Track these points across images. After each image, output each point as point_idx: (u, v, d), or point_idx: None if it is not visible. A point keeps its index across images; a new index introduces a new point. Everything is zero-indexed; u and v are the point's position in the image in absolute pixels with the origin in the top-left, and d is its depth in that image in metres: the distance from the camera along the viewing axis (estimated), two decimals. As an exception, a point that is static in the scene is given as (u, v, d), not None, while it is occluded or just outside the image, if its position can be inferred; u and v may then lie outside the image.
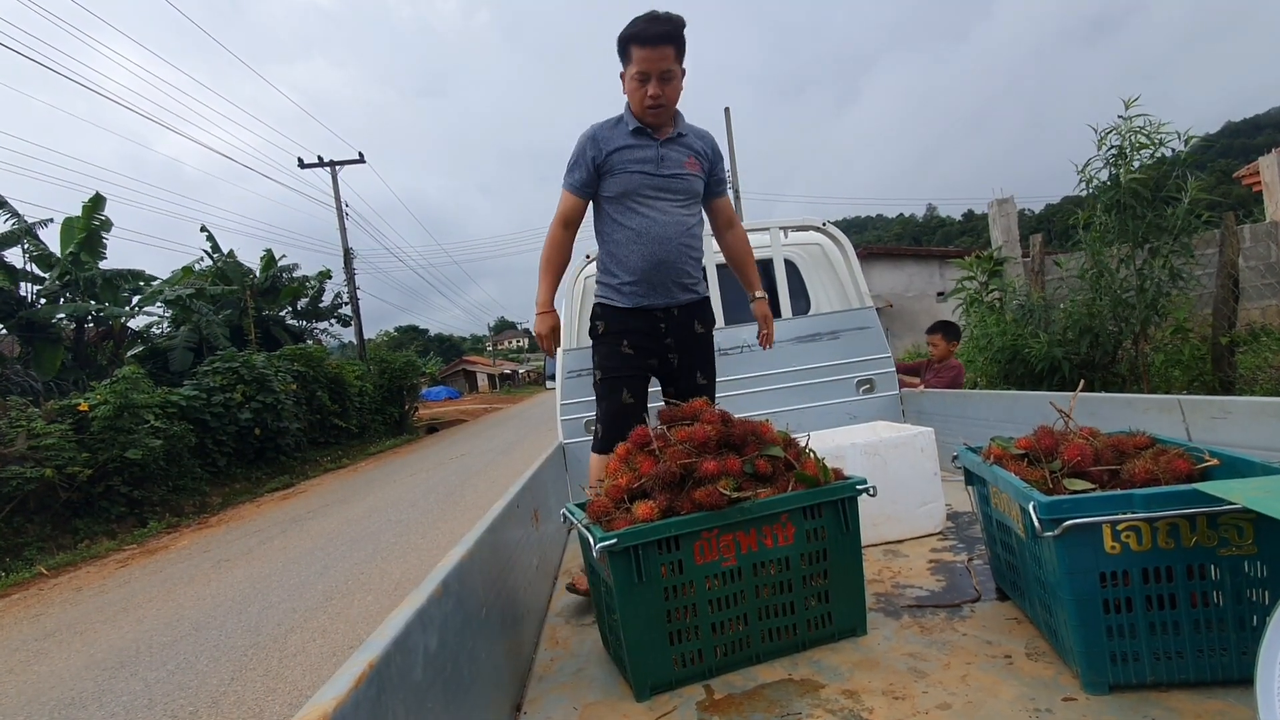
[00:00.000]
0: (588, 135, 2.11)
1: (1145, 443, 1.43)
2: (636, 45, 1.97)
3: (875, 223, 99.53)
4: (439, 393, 39.25)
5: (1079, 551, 1.18)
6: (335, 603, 4.55)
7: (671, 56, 1.98)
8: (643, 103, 2.02)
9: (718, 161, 2.23)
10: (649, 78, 1.99)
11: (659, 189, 2.11)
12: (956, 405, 3.05)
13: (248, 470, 11.96)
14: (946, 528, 2.21)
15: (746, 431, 1.57)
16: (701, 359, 2.26)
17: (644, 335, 2.16)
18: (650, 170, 2.09)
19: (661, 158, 2.10)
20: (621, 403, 2.11)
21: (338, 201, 20.56)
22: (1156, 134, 4.81)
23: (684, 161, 2.12)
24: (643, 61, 1.97)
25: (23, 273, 12.92)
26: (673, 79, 2.01)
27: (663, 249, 2.12)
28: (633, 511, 1.41)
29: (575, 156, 2.12)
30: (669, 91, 2.02)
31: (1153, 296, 4.90)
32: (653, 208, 2.11)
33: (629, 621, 1.37)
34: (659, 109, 2.03)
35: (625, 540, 1.34)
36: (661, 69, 1.98)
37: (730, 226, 2.35)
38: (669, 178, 2.11)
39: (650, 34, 1.95)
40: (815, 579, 1.48)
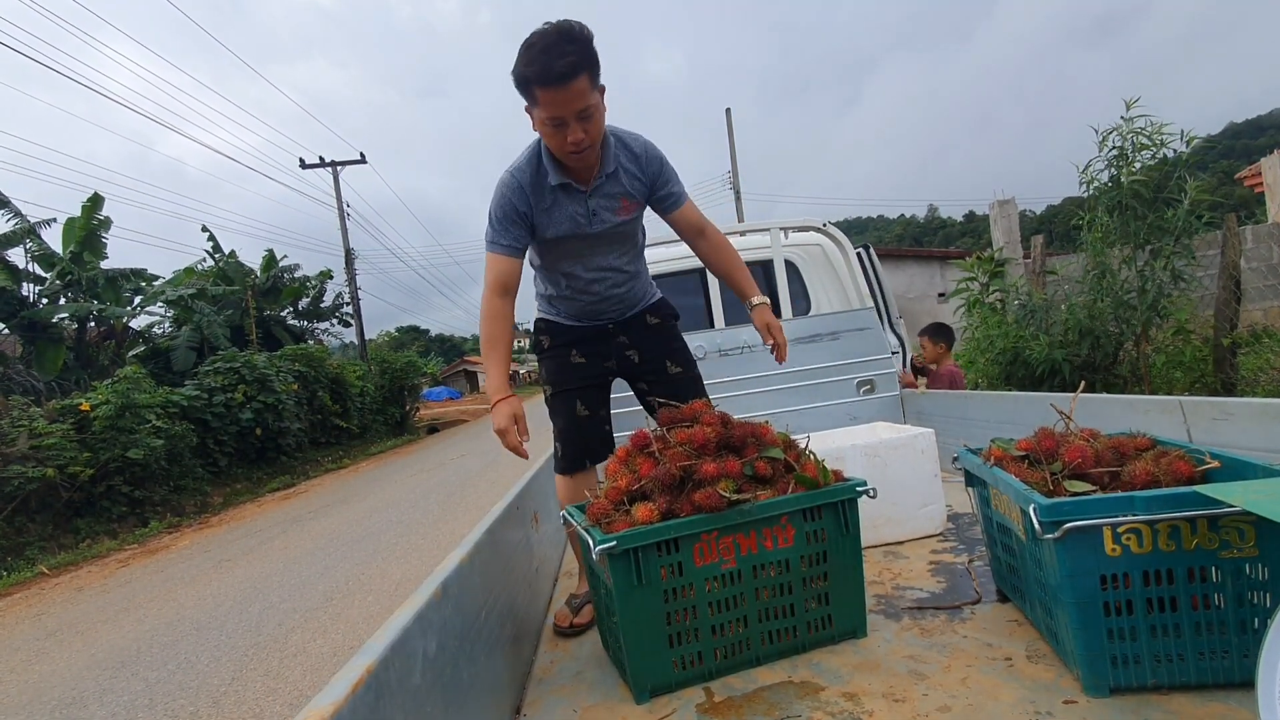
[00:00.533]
0: (512, 187, 1.77)
1: (1146, 444, 1.42)
2: (540, 87, 1.56)
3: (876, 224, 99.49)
4: (440, 393, 39.27)
5: (1080, 554, 1.17)
6: (336, 603, 4.55)
7: (587, 88, 1.58)
8: (563, 150, 1.67)
9: (660, 174, 1.86)
10: (565, 122, 1.61)
11: (590, 247, 1.88)
12: (957, 406, 3.04)
13: (249, 470, 11.97)
14: (947, 529, 2.20)
15: (746, 433, 1.56)
16: (667, 348, 2.05)
17: (594, 340, 2.00)
18: (581, 230, 1.83)
19: (592, 212, 1.81)
20: (575, 416, 1.96)
21: (339, 202, 20.59)
22: (1158, 135, 4.80)
23: (616, 209, 1.83)
24: (553, 105, 1.58)
25: (25, 273, 12.95)
26: (594, 113, 1.63)
27: (596, 301, 1.96)
28: (632, 514, 1.41)
29: (502, 212, 1.78)
30: (592, 130, 1.64)
31: (1154, 298, 4.90)
32: (584, 267, 1.91)
33: (628, 624, 1.37)
34: (584, 152, 1.67)
35: (625, 543, 1.34)
36: (577, 109, 1.59)
37: (700, 234, 1.96)
38: (600, 235, 1.86)
39: (557, 71, 1.53)
40: (815, 581, 1.48)
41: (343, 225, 20.58)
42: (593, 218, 1.82)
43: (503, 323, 1.83)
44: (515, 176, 1.77)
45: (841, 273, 3.79)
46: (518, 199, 1.77)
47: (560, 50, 1.53)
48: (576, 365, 1.99)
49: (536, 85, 1.56)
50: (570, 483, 1.97)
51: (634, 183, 1.84)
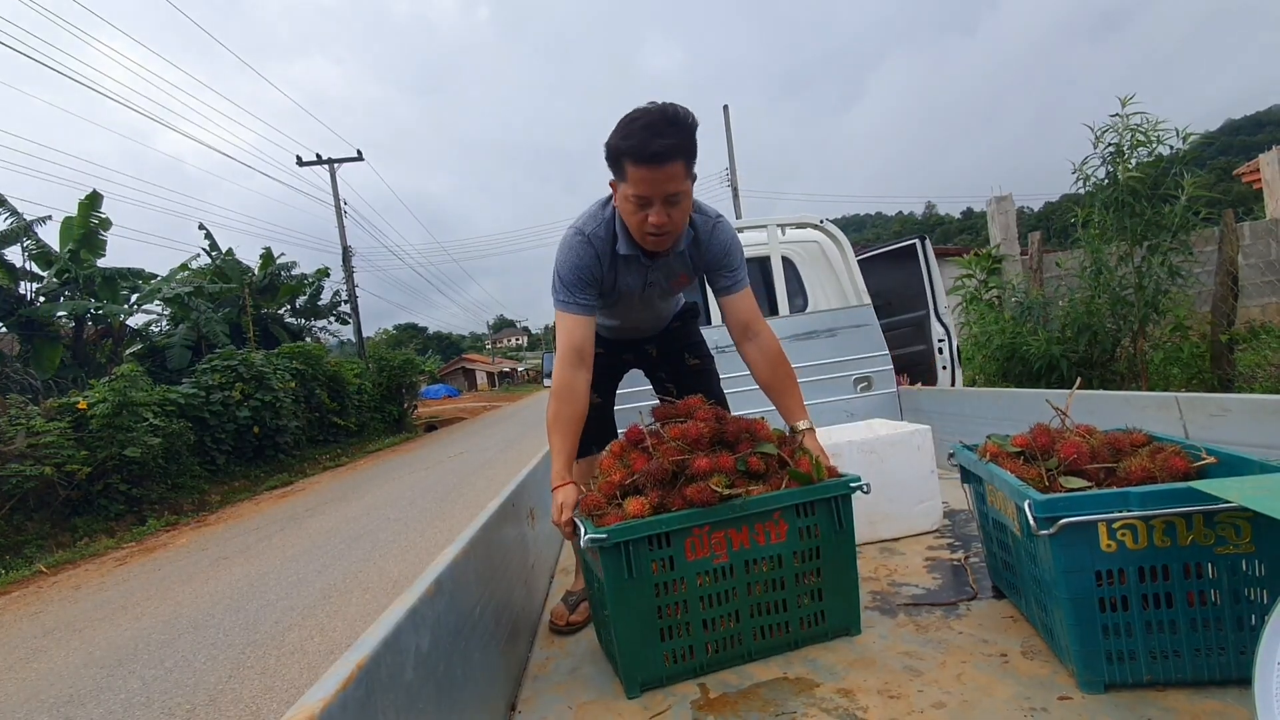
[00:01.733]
0: (581, 246, 1.68)
1: (1142, 440, 1.42)
2: (633, 163, 1.49)
3: (874, 220, 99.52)
4: (438, 391, 39.26)
5: (1075, 550, 1.17)
6: (333, 600, 4.54)
7: (681, 174, 1.51)
8: (641, 229, 1.58)
9: (722, 258, 1.75)
10: (650, 202, 1.53)
11: (640, 305, 1.88)
12: (954, 403, 3.04)
13: (246, 468, 11.95)
14: (943, 526, 2.20)
15: (740, 429, 1.56)
16: (685, 342, 2.08)
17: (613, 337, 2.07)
18: (634, 298, 1.83)
19: (649, 282, 1.79)
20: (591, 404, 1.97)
21: (336, 199, 20.55)
22: (1154, 132, 4.81)
23: (672, 280, 1.81)
24: (643, 184, 1.50)
25: (22, 271, 12.91)
26: (681, 200, 1.55)
27: (635, 331, 2.02)
28: (624, 507, 1.42)
29: (576, 275, 1.68)
30: (676, 215, 1.56)
31: (1151, 294, 4.90)
32: (630, 314, 1.93)
33: (620, 617, 1.38)
34: (662, 238, 1.60)
35: (616, 536, 1.35)
36: (668, 192, 1.51)
37: (752, 336, 1.76)
38: (650, 299, 1.86)
39: (654, 150, 1.45)
40: (808, 577, 1.47)
41: (340, 223, 20.54)
42: (648, 287, 1.80)
43: (573, 399, 1.66)
44: (591, 242, 1.69)
45: (839, 269, 3.79)
46: (591, 262, 1.69)
47: (661, 130, 1.46)
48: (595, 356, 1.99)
49: (629, 160, 1.49)
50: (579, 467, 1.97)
51: (694, 260, 1.78)
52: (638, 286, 1.78)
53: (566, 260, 1.69)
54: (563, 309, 1.71)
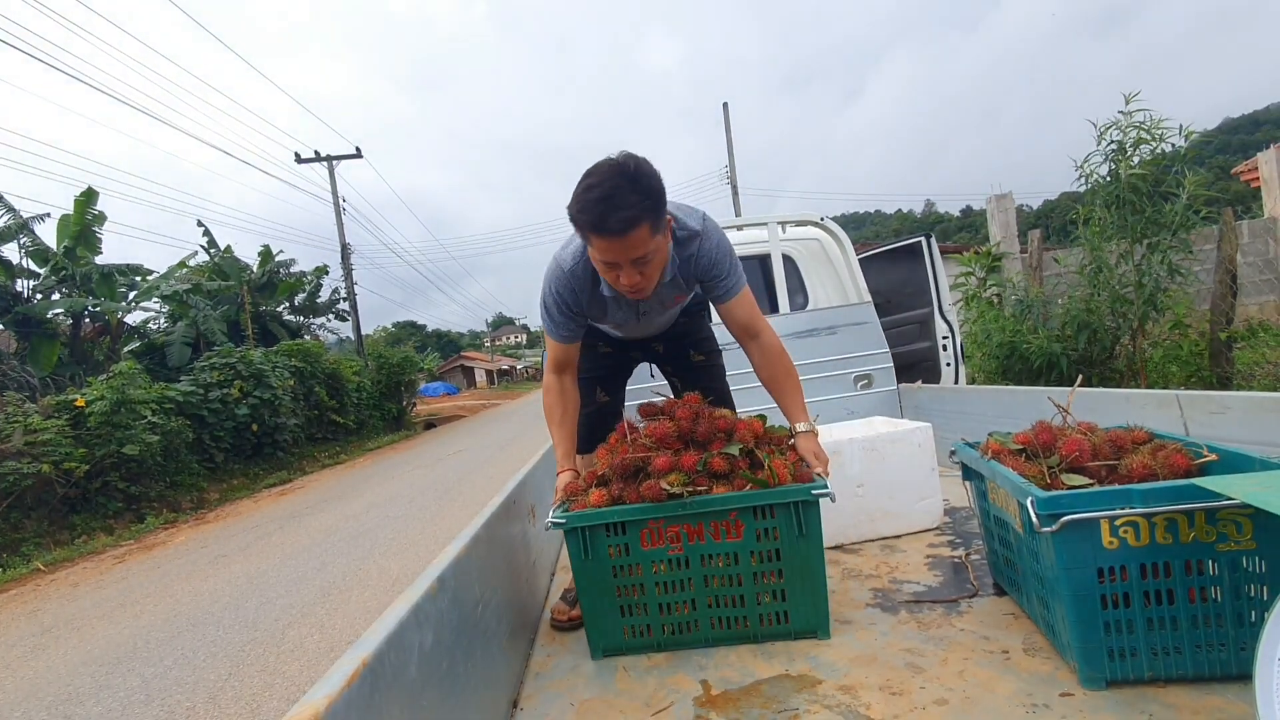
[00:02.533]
0: (561, 282, 1.70)
1: (1143, 438, 1.42)
2: (595, 234, 1.46)
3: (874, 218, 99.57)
4: (437, 388, 39.24)
5: (1077, 547, 1.17)
6: (333, 598, 4.54)
7: (645, 238, 1.45)
8: (617, 287, 1.59)
9: (709, 270, 1.71)
10: (619, 265, 1.50)
11: (640, 328, 1.95)
12: (954, 401, 3.04)
13: (245, 466, 11.94)
14: (944, 523, 2.21)
15: (714, 428, 1.61)
16: (692, 339, 2.10)
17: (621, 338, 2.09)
18: (630, 322, 1.88)
19: (642, 313, 1.83)
20: (596, 403, 2.07)
21: (335, 197, 20.50)
22: (1156, 130, 4.81)
23: (667, 304, 1.85)
24: (607, 252, 1.48)
25: (19, 268, 12.88)
26: (652, 258, 1.52)
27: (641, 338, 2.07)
28: (589, 496, 1.56)
29: (558, 309, 1.73)
30: (649, 272, 1.54)
31: (1151, 292, 4.91)
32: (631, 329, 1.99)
33: (583, 590, 1.55)
34: (639, 291, 1.58)
35: (573, 521, 1.51)
36: (635, 257, 1.48)
37: (753, 336, 1.75)
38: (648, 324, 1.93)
39: (611, 227, 1.41)
40: (768, 576, 1.50)
41: (339, 220, 20.50)
42: (642, 316, 1.85)
43: (563, 398, 1.84)
44: (570, 277, 1.69)
45: (839, 267, 3.79)
46: (571, 298, 1.72)
47: (617, 202, 1.40)
48: (603, 355, 2.08)
49: (590, 233, 1.46)
50: (585, 461, 2.04)
51: (685, 280, 1.75)
52: (631, 318, 1.85)
53: (549, 293, 1.73)
54: (549, 334, 1.81)
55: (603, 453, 1.66)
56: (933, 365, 3.92)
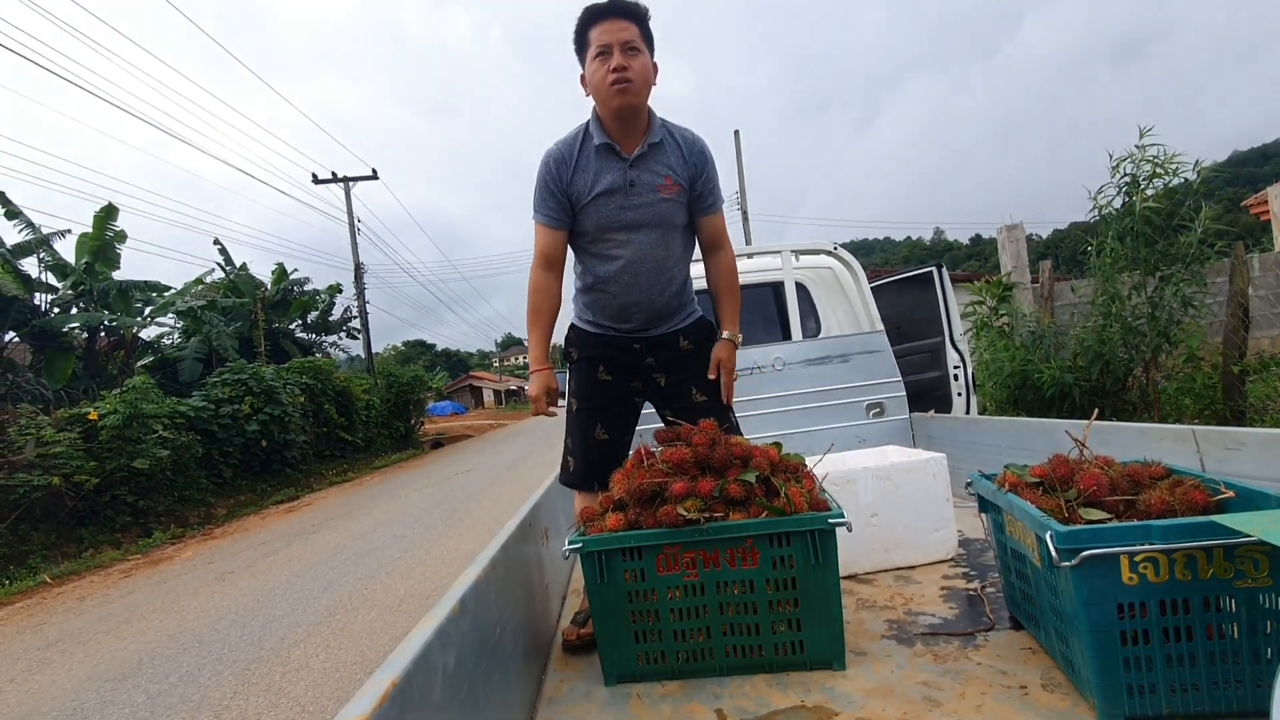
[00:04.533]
0: (550, 156, 1.86)
1: (1161, 473, 1.43)
2: (594, 24, 1.75)
3: (883, 245, 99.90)
4: (445, 408, 39.34)
5: (1097, 582, 1.17)
6: (339, 618, 4.53)
7: (635, 32, 1.75)
8: (606, 81, 1.73)
9: (703, 171, 1.89)
10: (610, 51, 1.73)
11: (630, 224, 1.85)
12: (967, 431, 3.04)
13: (253, 482, 11.97)
14: (958, 554, 2.19)
15: (731, 455, 1.61)
16: (694, 375, 1.99)
17: (620, 358, 1.99)
18: (619, 202, 1.84)
19: (631, 183, 1.83)
20: (592, 438, 1.97)
21: (350, 217, 20.79)
22: (1170, 163, 4.84)
23: (658, 185, 1.84)
24: (602, 35, 1.74)
25: (38, 282, 13.08)
26: (639, 53, 1.75)
27: (634, 294, 1.91)
28: (605, 520, 1.57)
29: (540, 183, 1.87)
30: (636, 65, 1.74)
31: (1164, 324, 4.90)
32: (624, 246, 1.87)
33: (598, 614, 1.54)
34: (626, 84, 1.73)
35: (589, 545, 1.51)
36: (623, 39, 1.73)
37: (716, 248, 2.00)
38: (640, 208, 1.84)
39: (607, 7, 1.74)
40: (783, 605, 1.49)
41: (353, 240, 20.76)
42: (630, 190, 1.84)
43: (547, 296, 1.91)
44: (559, 148, 1.86)
45: (852, 295, 3.81)
46: (557, 169, 1.85)
47: (616, 1, 1.76)
48: (603, 383, 2.00)
49: (591, 24, 1.76)
50: (582, 499, 2.02)
51: (679, 164, 1.87)
52: (620, 184, 1.83)
53: (540, 171, 1.88)
54: (535, 219, 1.91)
55: (619, 477, 1.65)
56: (944, 394, 3.92)
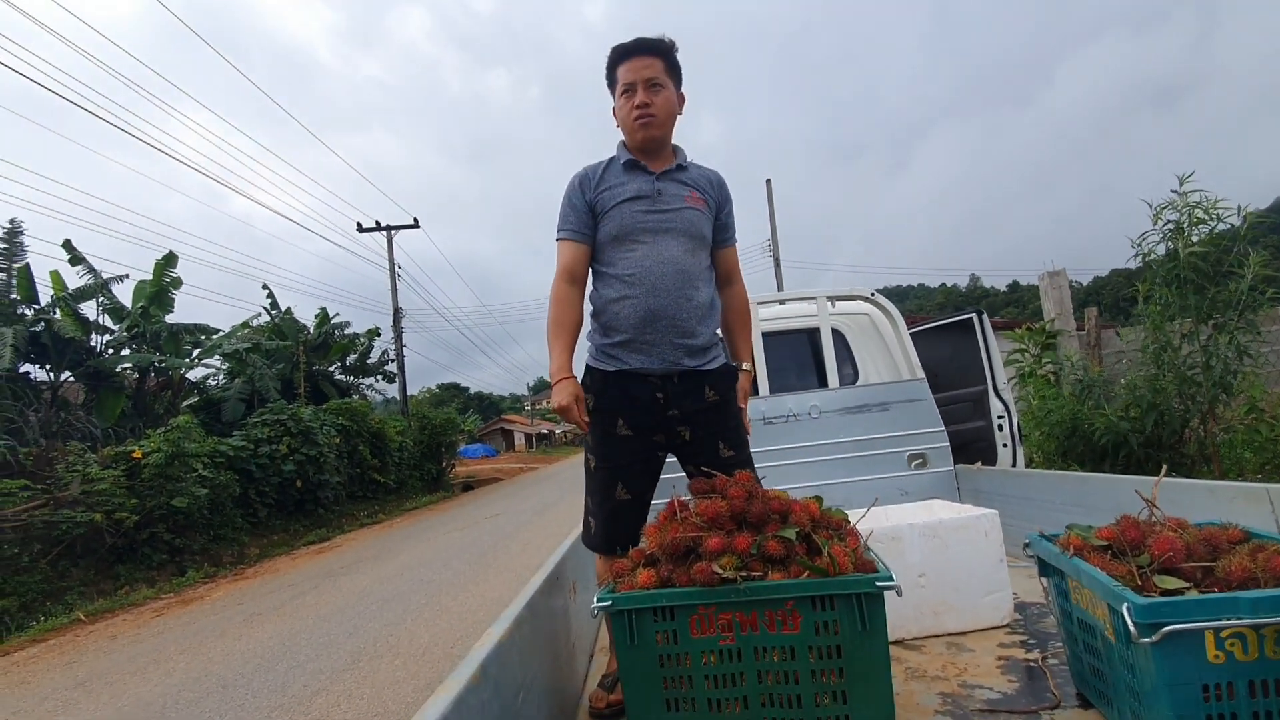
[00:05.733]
0: (576, 177, 1.95)
1: (1239, 537, 1.31)
2: (621, 61, 1.87)
3: (917, 292, 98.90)
4: (476, 450, 39.54)
5: (1179, 660, 1.06)
6: (362, 665, 4.44)
7: (659, 68, 1.86)
8: (630, 116, 1.86)
9: (725, 204, 2.00)
10: (635, 88, 1.85)
11: (656, 229, 1.85)
12: (1018, 485, 2.89)
13: (286, 522, 12.06)
14: (1015, 620, 2.04)
15: (768, 510, 1.51)
16: (721, 428, 1.89)
17: (642, 409, 1.85)
18: (646, 207, 1.86)
19: (659, 191, 1.88)
20: (614, 498, 1.87)
21: (391, 264, 21.42)
22: (1214, 210, 4.70)
23: (684, 196, 1.90)
24: (627, 73, 1.86)
25: (95, 324, 13.66)
26: (662, 89, 1.87)
27: (659, 299, 1.81)
28: (636, 576, 1.47)
29: (565, 201, 1.94)
30: (659, 101, 1.85)
31: (1220, 374, 4.68)
32: (650, 246, 1.84)
33: (627, 678, 1.45)
34: (649, 119, 1.84)
35: (619, 603, 1.42)
36: (647, 76, 1.85)
37: (730, 282, 2.07)
38: (667, 213, 1.86)
39: (634, 46, 1.86)
40: (827, 675, 1.37)
41: (393, 286, 21.33)
42: (658, 196, 1.88)
43: (569, 308, 1.90)
44: (585, 170, 1.96)
45: (890, 342, 3.72)
46: (581, 185, 1.93)
47: (643, 39, 1.88)
48: (623, 439, 1.86)
49: (619, 61, 1.88)
50: (605, 562, 1.91)
51: (704, 191, 1.96)
52: (648, 190, 1.88)
53: (565, 192, 1.96)
54: (558, 236, 1.94)
55: (651, 530, 1.57)
56: (988, 445, 3.76)
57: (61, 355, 12.40)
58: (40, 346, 12.08)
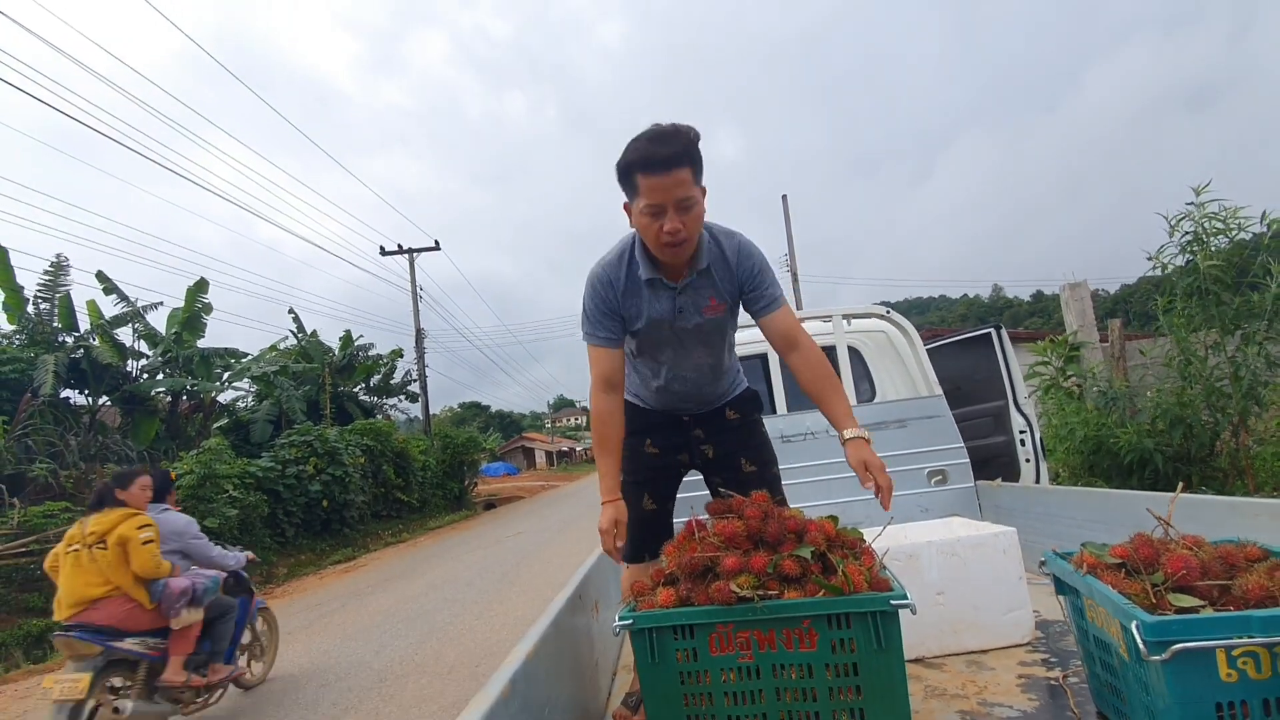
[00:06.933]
0: (602, 281, 1.79)
1: (1258, 554, 1.32)
2: (643, 173, 1.59)
3: (939, 303, 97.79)
4: (497, 469, 39.69)
5: (1191, 678, 1.08)
6: (389, 685, 4.51)
7: (689, 180, 1.60)
8: (659, 240, 1.64)
9: (752, 276, 1.80)
10: (663, 210, 1.60)
11: (678, 344, 1.86)
12: (1040, 502, 2.88)
13: (313, 541, 12.24)
14: (1036, 638, 2.04)
15: (784, 529, 1.55)
16: (743, 444, 1.98)
17: (668, 430, 1.99)
18: (667, 326, 1.82)
19: (680, 309, 1.79)
20: (641, 509, 1.94)
21: (413, 286, 21.78)
22: (1233, 219, 4.65)
23: (704, 307, 1.81)
24: (653, 192, 1.59)
25: (130, 350, 14.08)
26: (693, 206, 1.62)
27: (683, 389, 1.93)
28: (656, 596, 1.51)
29: (595, 306, 1.80)
30: (690, 222, 1.63)
31: (1249, 385, 4.60)
32: (672, 361, 1.89)
33: (649, 696, 1.47)
34: (680, 245, 1.65)
35: (640, 622, 1.45)
36: (678, 197, 1.59)
37: (793, 347, 1.80)
38: (689, 329, 1.83)
39: (659, 157, 1.57)
40: (844, 693, 1.40)
41: (415, 308, 21.68)
42: (679, 315, 1.80)
43: (612, 424, 1.80)
44: (605, 271, 1.80)
45: (907, 359, 3.73)
46: (608, 292, 1.79)
47: (665, 141, 1.59)
48: (649, 455, 1.97)
49: (639, 172, 1.60)
50: (630, 572, 1.97)
51: (724, 283, 1.80)
52: (668, 314, 1.80)
53: (588, 295, 1.81)
54: (589, 341, 1.83)
55: (671, 550, 1.61)
56: (1010, 461, 3.74)
57: (99, 380, 12.79)
58: (79, 372, 12.48)
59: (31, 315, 12.45)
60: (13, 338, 12.46)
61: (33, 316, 12.47)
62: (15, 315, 12.27)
